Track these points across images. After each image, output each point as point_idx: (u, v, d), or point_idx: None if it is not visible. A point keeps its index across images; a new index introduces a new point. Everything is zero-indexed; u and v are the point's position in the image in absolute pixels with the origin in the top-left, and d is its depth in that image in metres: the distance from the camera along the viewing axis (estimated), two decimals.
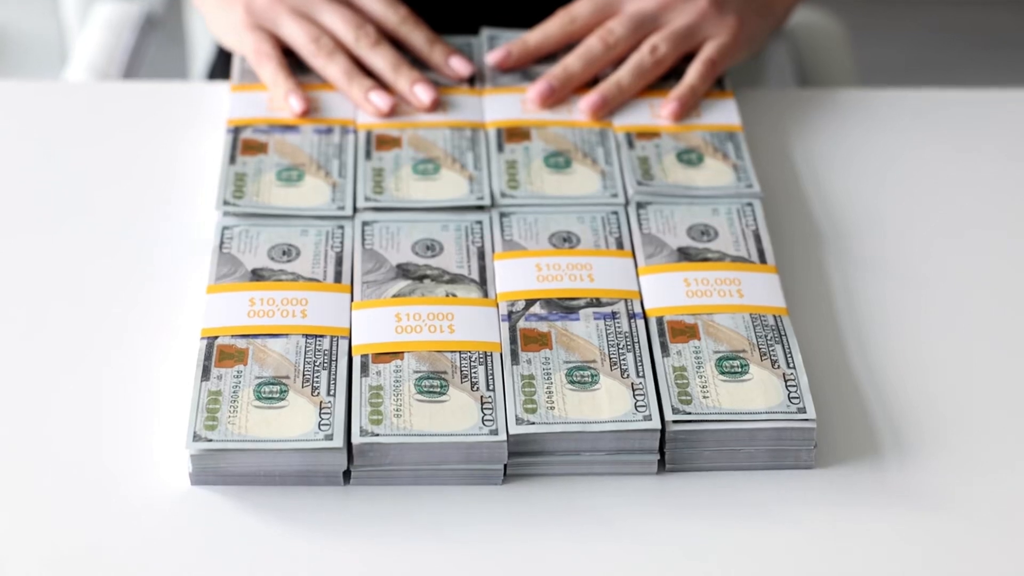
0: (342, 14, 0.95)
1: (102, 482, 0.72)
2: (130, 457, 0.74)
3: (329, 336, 0.77)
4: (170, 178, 0.91)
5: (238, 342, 0.76)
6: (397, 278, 0.80)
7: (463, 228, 0.84)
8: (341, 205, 0.85)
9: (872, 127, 0.95)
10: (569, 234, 0.84)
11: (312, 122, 0.91)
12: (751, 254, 0.82)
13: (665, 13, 0.96)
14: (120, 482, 0.72)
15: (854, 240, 0.87)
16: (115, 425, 0.75)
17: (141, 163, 0.92)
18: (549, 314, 0.79)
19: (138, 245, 0.85)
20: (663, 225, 0.84)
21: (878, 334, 0.81)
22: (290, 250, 0.82)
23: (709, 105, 0.93)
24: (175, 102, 0.99)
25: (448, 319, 0.78)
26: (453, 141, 0.90)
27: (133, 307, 0.82)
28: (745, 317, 0.78)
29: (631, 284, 0.81)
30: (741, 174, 0.88)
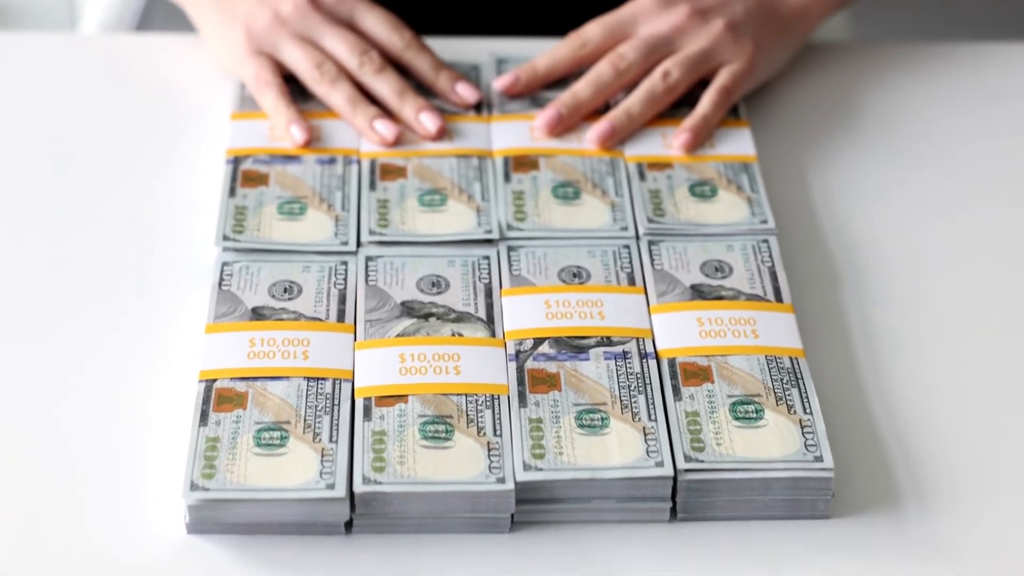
0: (345, 39, 0.93)
1: (94, 529, 0.71)
2: (124, 503, 0.72)
3: (331, 378, 0.75)
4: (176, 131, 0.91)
5: (237, 385, 0.75)
6: (401, 316, 0.79)
7: (470, 263, 0.82)
8: (344, 240, 0.83)
9: (892, 155, 0.93)
10: (579, 269, 0.82)
11: (314, 152, 0.89)
12: (767, 292, 0.81)
13: (679, 37, 0.94)
14: (114, 529, 0.71)
15: (872, 275, 0.85)
16: (109, 469, 0.73)
17: (148, 118, 0.93)
18: (558, 354, 0.77)
19: (139, 250, 0.85)
20: (676, 261, 0.82)
21: (898, 376, 0.79)
22: (292, 287, 0.80)
23: (723, 135, 0.91)
24: (186, 55, 0.99)
25: (454, 360, 0.76)
26: (460, 170, 0.89)
27: (127, 340, 0.80)
28: (760, 359, 0.76)
29: (643, 322, 0.79)
30: (756, 208, 0.86)
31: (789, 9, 0.96)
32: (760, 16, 0.95)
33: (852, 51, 1.00)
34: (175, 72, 0.99)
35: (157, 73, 0.99)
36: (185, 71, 0.99)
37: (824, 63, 1.00)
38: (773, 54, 0.96)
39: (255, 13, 0.94)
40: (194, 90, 0.97)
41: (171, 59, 1.00)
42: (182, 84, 0.98)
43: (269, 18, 0.94)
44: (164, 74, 0.99)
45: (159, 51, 1.01)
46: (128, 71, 0.99)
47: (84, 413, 0.76)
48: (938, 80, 0.98)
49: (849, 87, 0.98)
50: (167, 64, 0.99)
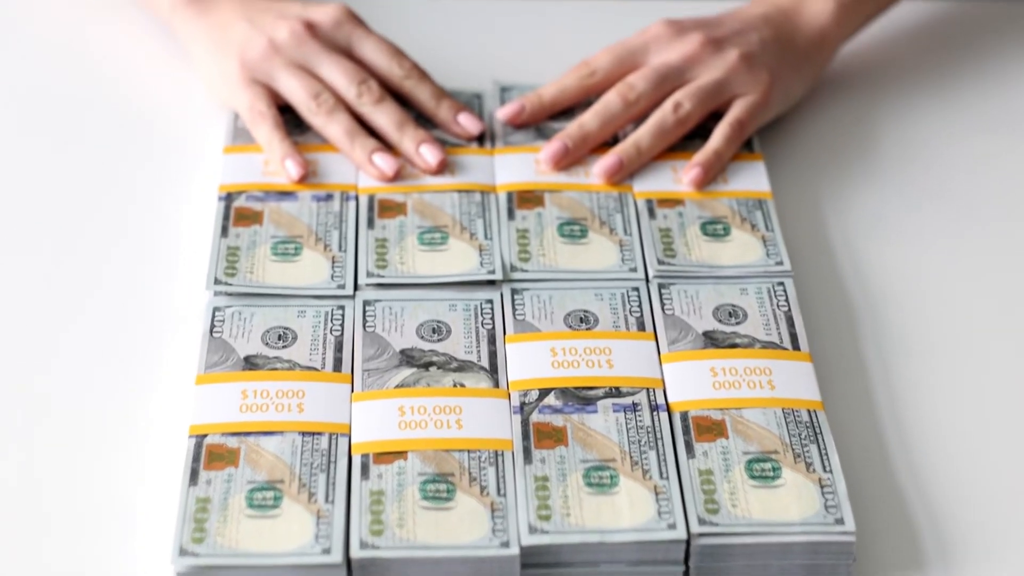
0: (343, 67, 0.90)
1: None
2: (109, 567, 0.68)
3: (327, 433, 0.72)
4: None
5: (229, 441, 0.71)
6: (401, 366, 0.75)
7: (472, 308, 0.78)
8: (341, 283, 0.80)
9: (914, 190, 0.90)
10: (586, 314, 0.78)
11: (310, 188, 0.86)
12: (783, 339, 0.77)
13: (691, 67, 0.90)
14: None
15: (894, 319, 0.81)
16: (94, 530, 0.70)
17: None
18: (564, 406, 0.73)
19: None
20: (687, 306, 0.79)
21: (922, 430, 0.75)
22: (286, 334, 0.77)
23: (736, 169, 0.88)
24: (177, 81, 0.96)
25: (456, 413, 0.72)
26: (462, 207, 0.85)
27: (113, 390, 0.76)
28: (777, 412, 0.73)
29: (653, 371, 0.75)
30: (771, 248, 0.82)
31: (806, 38, 0.93)
32: (776, 46, 0.91)
33: (870, 80, 0.97)
34: (165, 100, 0.95)
35: (146, 101, 0.96)
36: (176, 99, 0.95)
37: (841, 93, 0.96)
38: (789, 86, 0.92)
39: (249, 40, 0.91)
40: (186, 120, 0.94)
41: (161, 86, 0.96)
42: (173, 113, 0.95)
43: (264, 45, 0.90)
44: (154, 102, 0.95)
45: (148, 77, 0.98)
46: (114, 97, 0.96)
47: (67, 471, 0.73)
48: (961, 110, 0.95)
49: (867, 118, 0.94)
50: (157, 91, 0.96)
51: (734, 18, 0.93)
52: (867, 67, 0.98)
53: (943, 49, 1.00)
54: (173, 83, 0.96)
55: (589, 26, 1.01)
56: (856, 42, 0.99)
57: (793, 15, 0.93)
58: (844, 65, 0.98)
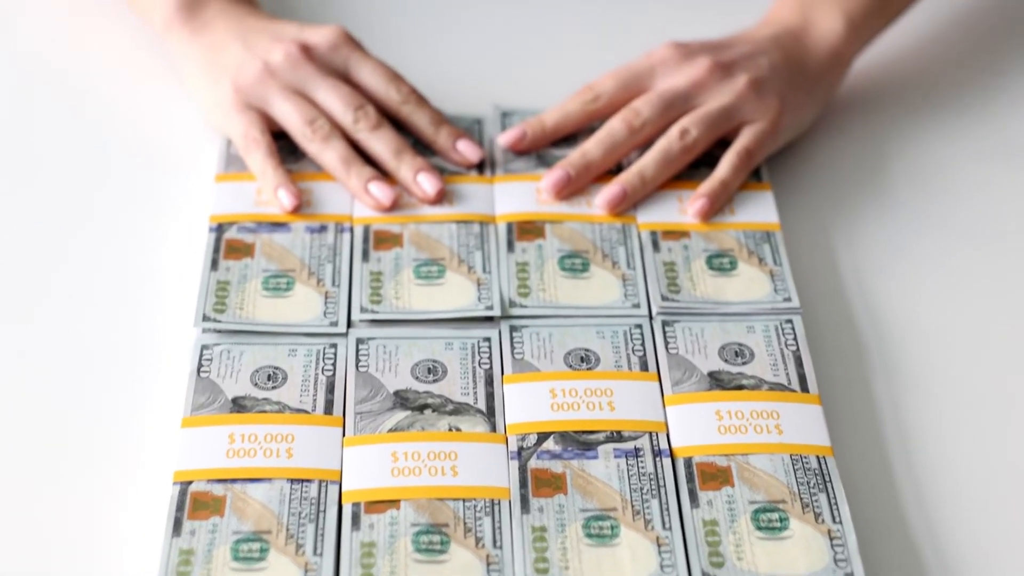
0: (340, 92, 0.87)
1: None
2: None
3: (317, 480, 0.69)
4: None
5: (215, 488, 0.68)
6: (394, 408, 0.72)
7: (469, 346, 0.75)
8: (334, 320, 0.77)
9: (930, 222, 0.86)
10: (587, 353, 0.75)
11: (304, 219, 0.83)
12: (791, 381, 0.74)
13: (699, 93, 0.87)
14: None
15: (907, 359, 0.78)
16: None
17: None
18: (564, 451, 0.70)
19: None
20: (692, 345, 0.76)
21: (937, 478, 0.72)
22: (276, 374, 0.74)
23: (743, 199, 0.85)
24: (168, 104, 0.93)
25: (451, 459, 0.70)
26: (460, 238, 0.82)
27: (95, 432, 0.73)
28: (785, 459, 0.70)
29: (656, 413, 0.72)
30: (779, 284, 0.79)
31: (817, 61, 0.90)
32: (786, 70, 0.89)
33: (882, 105, 0.94)
34: (155, 123, 0.92)
35: (136, 123, 0.93)
36: (167, 122, 0.92)
37: (852, 118, 0.93)
38: (800, 112, 0.89)
39: (243, 63, 0.88)
40: (176, 144, 0.91)
41: (152, 107, 0.93)
42: (163, 137, 0.92)
43: (258, 69, 0.87)
44: (143, 124, 0.92)
45: (138, 97, 0.95)
46: (101, 119, 0.93)
47: (44, 520, 0.70)
48: (980, 133, 0.92)
49: (880, 143, 0.91)
50: (147, 113, 0.93)
51: (743, 41, 0.90)
52: (879, 91, 0.95)
53: (960, 70, 0.97)
54: (164, 105, 0.93)
55: (593, 49, 0.98)
56: (869, 64, 0.96)
57: (803, 36, 0.90)
58: (856, 89, 0.95)
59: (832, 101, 0.93)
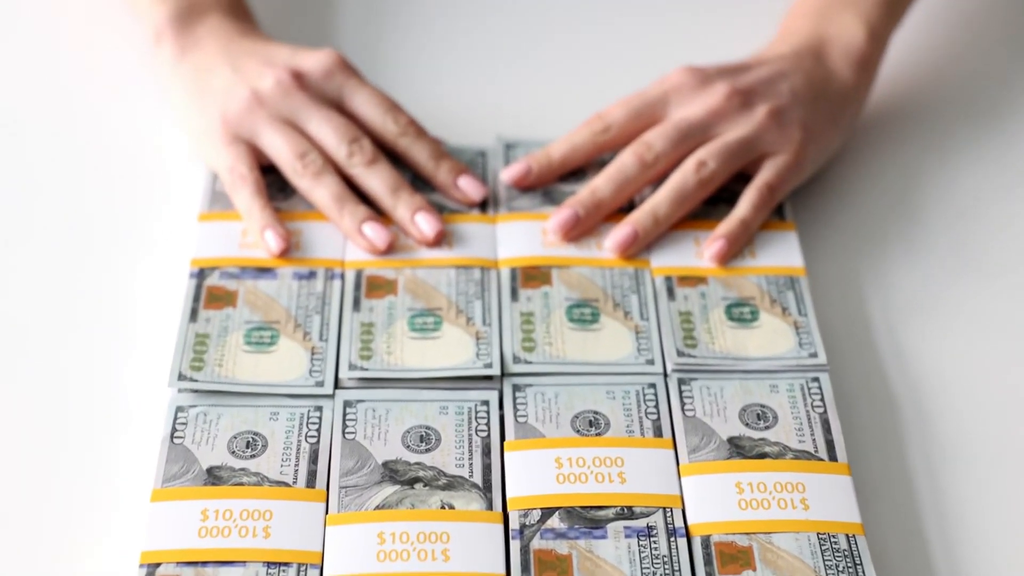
0: (334, 124, 0.80)
1: None
2: None
3: (296, 564, 0.62)
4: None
5: (184, 572, 0.61)
6: (383, 481, 0.65)
7: (465, 411, 0.68)
8: (320, 379, 0.70)
9: (970, 264, 0.78)
10: (596, 416, 0.68)
11: (292, 263, 0.76)
12: (818, 448, 0.67)
13: (716, 123, 0.80)
14: None
15: (945, 421, 0.70)
16: None
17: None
18: (569, 529, 0.63)
19: None
20: (710, 406, 0.68)
21: (978, 560, 0.64)
22: (255, 441, 0.67)
23: (765, 240, 0.77)
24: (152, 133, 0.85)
25: (442, 541, 0.62)
26: (459, 285, 0.75)
27: (58, 506, 0.66)
28: (811, 538, 0.62)
29: (671, 486, 0.65)
30: (804, 337, 0.72)
31: (842, 79, 0.82)
32: (809, 95, 0.81)
33: (913, 133, 0.86)
34: (138, 151, 0.85)
35: (116, 151, 0.85)
36: (151, 150, 0.85)
37: (881, 150, 0.85)
38: (825, 140, 0.82)
39: (231, 90, 0.81)
40: (159, 176, 0.84)
41: (134, 133, 0.86)
42: (145, 168, 0.84)
43: (247, 98, 0.80)
44: (125, 152, 0.85)
45: (120, 121, 0.87)
46: (75, 145, 0.85)
47: None
48: (1020, 167, 0.84)
49: (912, 176, 0.83)
50: (129, 139, 0.86)
51: (761, 62, 0.82)
52: (909, 120, 0.87)
53: (996, 98, 0.89)
54: (149, 129, 0.86)
55: (604, 75, 0.91)
56: (897, 93, 0.88)
57: (824, 51, 0.83)
58: (884, 119, 0.87)
59: (859, 129, 0.85)
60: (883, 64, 0.86)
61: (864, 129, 0.86)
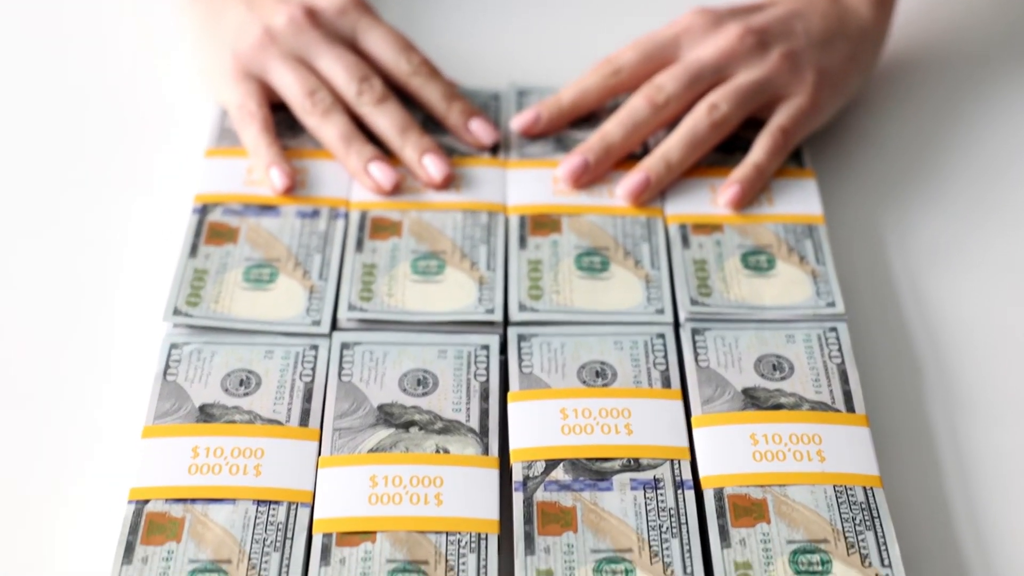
0: (345, 62, 0.75)
1: None
2: None
3: (286, 503, 0.58)
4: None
5: (173, 509, 0.57)
6: (377, 424, 0.61)
7: (464, 355, 0.64)
8: (317, 319, 0.65)
9: (996, 211, 0.73)
10: (603, 367, 0.64)
11: (296, 201, 0.72)
12: (835, 399, 0.62)
13: (728, 64, 0.75)
14: None
15: (966, 372, 0.66)
16: None
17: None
18: (574, 481, 0.59)
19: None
20: (725, 357, 0.64)
21: (1000, 512, 0.60)
22: (249, 379, 0.63)
23: (783, 188, 0.73)
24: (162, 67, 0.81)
25: (436, 485, 0.58)
26: (464, 229, 0.71)
27: (51, 439, 0.62)
28: (828, 491, 0.58)
29: (679, 438, 0.60)
30: (822, 286, 0.67)
31: (859, 17, 0.77)
32: (824, 36, 0.76)
33: (936, 77, 0.81)
34: (149, 87, 0.81)
35: (126, 87, 0.81)
36: (159, 87, 0.81)
37: (902, 95, 0.80)
38: (842, 83, 0.77)
39: (244, 28, 0.76)
40: (168, 113, 0.80)
41: (146, 69, 0.82)
42: (153, 104, 0.81)
43: (259, 35, 0.76)
44: (134, 89, 0.81)
45: (131, 56, 0.83)
46: (83, 80, 0.82)
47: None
48: None
49: (934, 123, 0.78)
50: (140, 75, 0.82)
51: (775, 4, 0.78)
52: (931, 64, 0.82)
53: (1021, 41, 0.84)
54: (162, 65, 0.82)
55: (618, 19, 0.86)
56: (919, 35, 0.83)
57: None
58: (905, 62, 0.82)
59: (880, 73, 0.80)
60: (906, 4, 0.82)
61: (885, 74, 0.81)
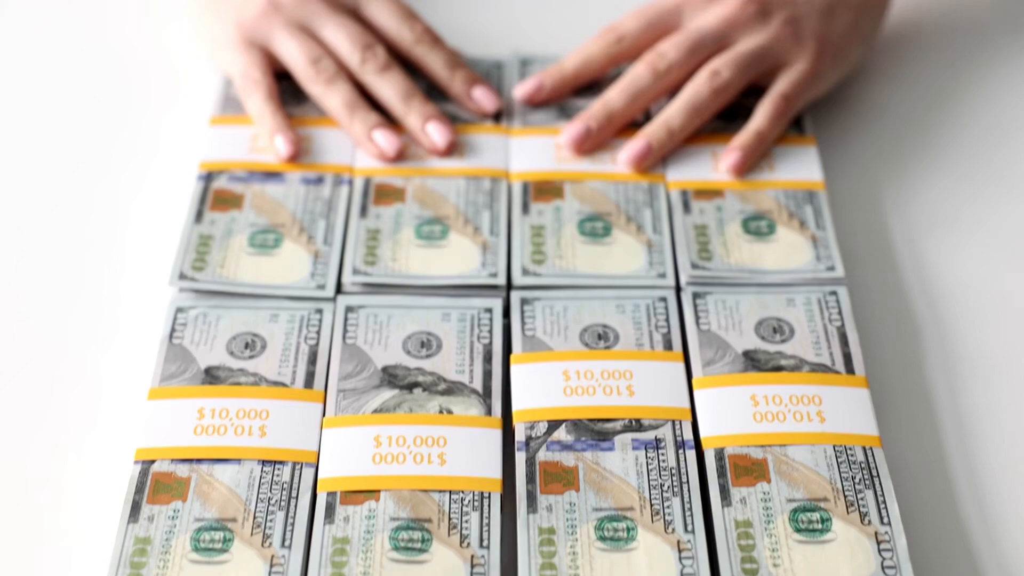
0: (348, 30, 0.76)
1: None
2: None
3: (291, 463, 0.58)
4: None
5: (179, 469, 0.57)
6: (381, 386, 0.61)
7: (468, 318, 0.64)
8: (322, 283, 0.66)
9: (996, 178, 0.73)
10: (605, 329, 0.64)
11: (300, 168, 0.72)
12: (835, 361, 0.62)
13: (730, 32, 0.75)
14: None
15: (965, 335, 0.66)
16: (22, 572, 0.57)
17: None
18: (576, 441, 0.59)
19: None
20: (726, 320, 0.64)
21: (998, 472, 0.60)
22: (254, 342, 0.63)
23: (784, 154, 0.73)
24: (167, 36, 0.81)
25: (439, 445, 0.58)
26: (468, 195, 0.71)
27: (56, 401, 0.63)
28: (827, 451, 0.58)
29: (680, 399, 0.61)
30: (822, 251, 0.67)
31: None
32: (826, 5, 0.76)
33: (938, 45, 0.80)
34: (153, 56, 0.81)
35: (131, 56, 0.81)
36: (164, 55, 0.81)
37: (904, 63, 0.80)
38: (843, 51, 0.76)
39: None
40: (172, 81, 0.80)
41: (149, 38, 0.82)
42: (158, 72, 0.80)
43: (262, 3, 0.76)
44: (139, 57, 0.81)
45: (136, 25, 0.83)
46: (88, 49, 0.81)
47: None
48: None
49: (939, 90, 0.78)
50: (144, 44, 0.82)
51: None
52: (933, 32, 0.82)
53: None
54: (165, 34, 0.82)
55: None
56: (927, 1, 0.83)
57: None
58: (907, 30, 0.82)
59: (882, 41, 0.80)
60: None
61: (888, 41, 0.81)
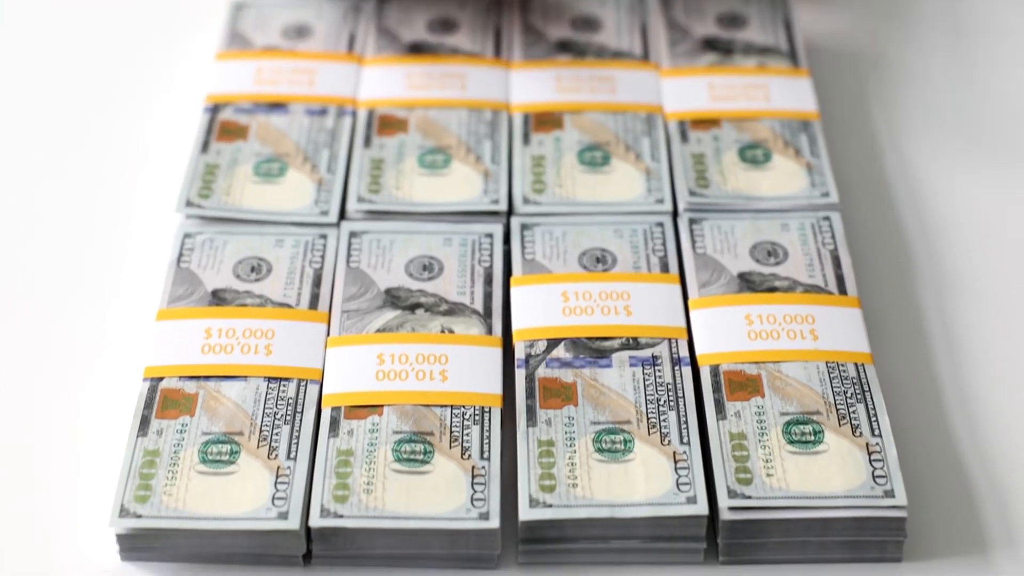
0: None
1: (14, 556, 0.55)
2: (44, 524, 0.56)
3: (296, 379, 0.58)
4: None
5: (187, 385, 0.58)
6: (384, 307, 0.62)
7: (469, 242, 0.64)
8: (325, 209, 0.66)
9: (991, 107, 0.74)
10: (604, 253, 0.64)
11: (305, 100, 0.72)
12: (828, 282, 0.63)
13: None
14: (36, 556, 0.55)
15: (956, 258, 0.66)
16: (27, 483, 0.57)
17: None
18: (575, 359, 0.60)
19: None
20: (721, 243, 0.65)
21: (987, 389, 0.60)
22: (260, 265, 0.63)
23: (779, 85, 0.73)
24: None
25: (440, 362, 0.59)
26: (469, 125, 0.71)
27: (66, 325, 0.63)
28: (820, 367, 0.59)
29: (676, 319, 0.61)
30: (816, 177, 0.68)
31: None
32: None
33: None
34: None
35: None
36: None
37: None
38: None
39: None
40: (180, 16, 0.81)
41: None
42: (166, 8, 0.81)
43: None
44: None
45: None
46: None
47: (9, 409, 0.60)
48: None
49: (934, 16, 0.78)
50: None
51: None
52: None
53: None
54: None
55: None
56: None
57: None
58: None
59: None
60: None
61: None
